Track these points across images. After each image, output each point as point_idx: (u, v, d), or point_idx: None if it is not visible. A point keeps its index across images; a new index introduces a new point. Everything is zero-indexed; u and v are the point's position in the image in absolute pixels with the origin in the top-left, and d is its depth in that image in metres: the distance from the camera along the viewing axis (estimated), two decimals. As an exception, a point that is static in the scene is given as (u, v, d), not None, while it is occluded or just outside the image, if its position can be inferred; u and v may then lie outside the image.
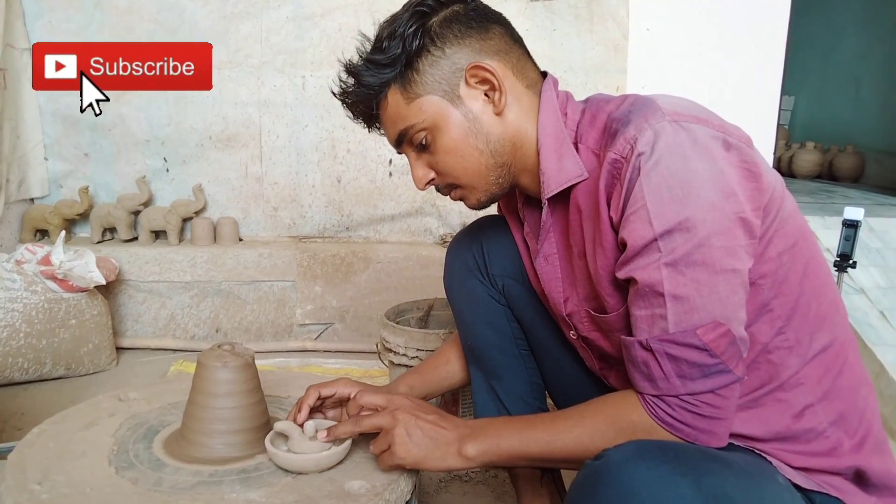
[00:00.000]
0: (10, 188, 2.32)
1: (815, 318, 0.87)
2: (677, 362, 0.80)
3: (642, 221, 0.79)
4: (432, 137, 0.94)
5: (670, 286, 0.79)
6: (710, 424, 0.81)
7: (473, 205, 1.00)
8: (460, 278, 1.21)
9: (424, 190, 1.01)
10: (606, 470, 0.71)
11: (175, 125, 2.45)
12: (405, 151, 0.99)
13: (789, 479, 0.84)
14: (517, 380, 1.22)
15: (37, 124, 2.42)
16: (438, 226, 2.54)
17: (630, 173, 0.81)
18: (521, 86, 0.95)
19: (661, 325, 0.80)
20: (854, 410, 0.88)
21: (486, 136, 0.93)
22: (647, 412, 0.83)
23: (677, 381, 0.80)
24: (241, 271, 2.38)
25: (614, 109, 0.88)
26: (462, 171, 0.95)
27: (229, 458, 1.01)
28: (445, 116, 0.92)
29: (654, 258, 0.79)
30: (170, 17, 2.38)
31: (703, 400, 0.80)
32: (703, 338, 0.78)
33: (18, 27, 2.32)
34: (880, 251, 2.54)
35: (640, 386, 0.84)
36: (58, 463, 0.97)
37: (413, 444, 0.92)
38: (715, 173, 0.79)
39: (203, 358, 1.05)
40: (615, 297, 0.90)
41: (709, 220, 0.77)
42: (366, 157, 2.49)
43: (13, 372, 1.94)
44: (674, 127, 0.80)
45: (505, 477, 1.53)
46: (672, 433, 0.82)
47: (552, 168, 0.93)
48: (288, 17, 2.40)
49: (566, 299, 1.03)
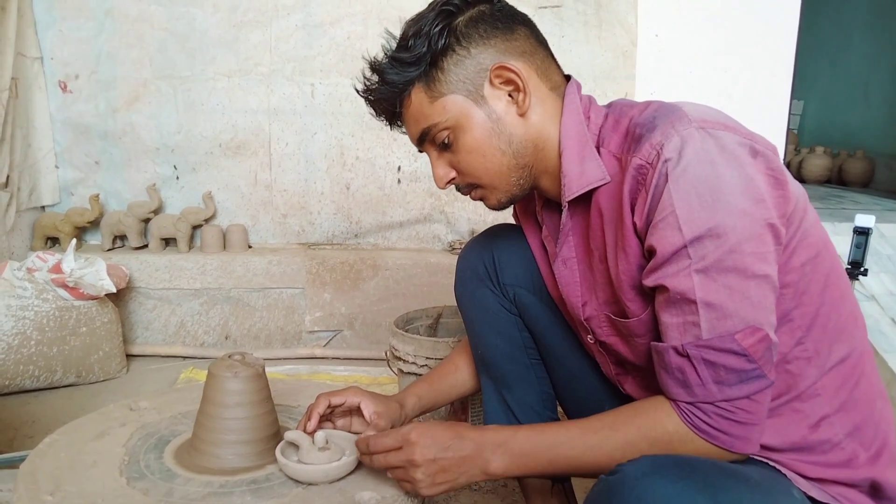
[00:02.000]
0: (22, 196, 2.33)
1: (834, 329, 0.87)
2: (715, 368, 0.79)
3: (671, 228, 0.79)
4: (455, 137, 0.94)
5: (702, 293, 0.78)
6: (746, 431, 0.80)
7: (493, 205, 1.00)
8: (471, 287, 1.21)
9: (445, 189, 1.01)
10: (622, 485, 0.70)
11: (185, 133, 2.46)
12: (426, 150, 0.99)
13: (804, 492, 0.84)
14: (528, 389, 1.21)
15: (48, 132, 2.44)
16: (447, 233, 2.54)
17: (657, 179, 0.80)
18: (544, 88, 0.95)
19: (695, 333, 0.80)
20: (870, 422, 0.88)
21: (509, 137, 0.93)
22: (682, 420, 0.82)
23: (714, 388, 0.79)
24: (251, 278, 2.39)
25: (637, 115, 0.88)
26: (484, 171, 0.95)
27: (240, 468, 1.01)
28: (469, 116, 0.92)
29: (685, 265, 0.79)
30: (180, 26, 2.39)
31: (739, 406, 0.79)
32: (742, 343, 0.78)
33: (30, 36, 2.34)
34: (891, 257, 2.52)
35: (673, 393, 0.83)
36: (69, 473, 0.98)
37: (437, 482, 0.90)
38: (743, 179, 0.78)
39: (214, 368, 1.05)
40: (637, 302, 0.90)
41: (739, 226, 0.77)
42: (374, 165, 2.49)
43: (24, 379, 1.95)
44: (701, 133, 0.80)
45: (514, 486, 1.53)
46: (708, 441, 0.81)
47: (574, 170, 0.93)
48: (297, 25, 2.41)
49: (584, 303, 1.02)
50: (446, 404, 1.33)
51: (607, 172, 0.91)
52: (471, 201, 2.45)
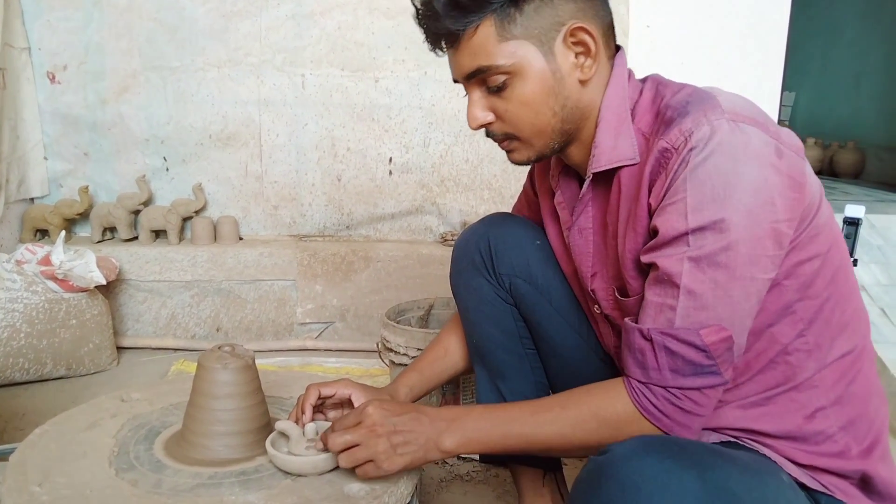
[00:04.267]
0: (10, 188, 2.32)
1: (837, 324, 0.88)
2: (673, 357, 0.82)
3: (678, 213, 0.80)
4: (511, 84, 0.90)
5: (688, 280, 0.80)
6: (688, 419, 0.84)
7: (520, 160, 0.98)
8: (467, 276, 1.21)
9: (475, 130, 0.97)
10: (611, 464, 0.71)
11: (175, 124, 2.44)
12: (469, 87, 0.94)
13: (795, 478, 0.85)
14: (522, 379, 1.22)
15: (36, 124, 2.42)
16: (439, 224, 2.54)
17: (677, 165, 0.81)
18: (604, 57, 0.93)
19: (668, 316, 0.82)
20: (864, 418, 0.89)
21: (564, 100, 0.91)
22: (631, 399, 0.85)
23: (668, 374, 0.82)
24: (242, 270, 2.38)
25: (670, 96, 0.88)
26: (530, 126, 0.93)
27: (229, 459, 1.01)
28: (533, 67, 0.89)
29: (681, 250, 0.80)
30: (169, 16, 2.37)
31: (688, 395, 0.82)
32: (705, 339, 0.80)
33: (17, 26, 2.32)
34: (881, 248, 2.54)
35: (630, 370, 0.86)
36: (59, 464, 0.97)
37: (398, 454, 0.91)
38: (759, 180, 0.79)
39: (203, 359, 1.05)
40: (637, 281, 0.91)
41: (742, 225, 0.78)
42: (366, 156, 2.48)
43: (14, 372, 1.94)
44: (731, 126, 0.80)
45: (506, 476, 1.53)
46: (652, 422, 0.84)
47: (607, 144, 0.92)
48: (287, 15, 2.39)
49: (594, 274, 1.03)
50: (438, 388, 1.33)
51: (637, 152, 0.90)
52: (462, 193, 2.48)
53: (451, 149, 2.48)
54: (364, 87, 2.43)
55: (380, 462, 0.91)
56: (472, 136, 2.46)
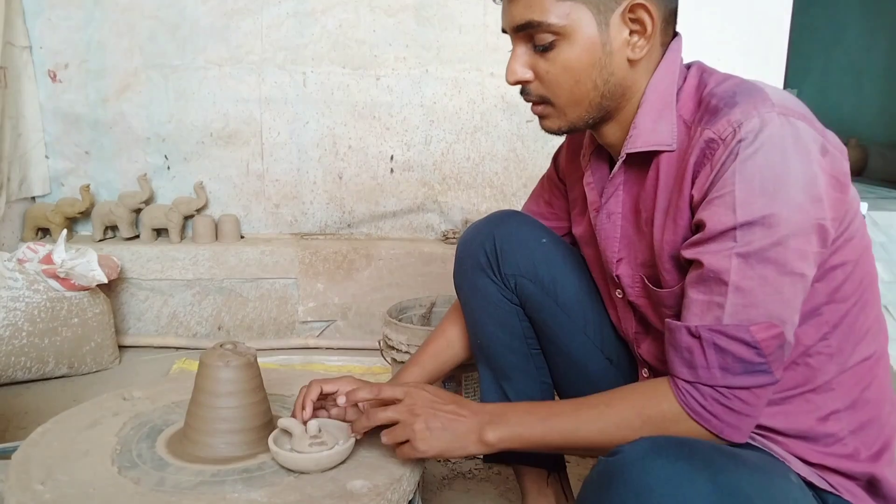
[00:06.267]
0: (12, 187, 2.31)
1: (860, 330, 0.88)
2: (723, 354, 0.79)
3: (726, 207, 0.78)
4: (559, 46, 0.88)
5: (737, 277, 0.78)
6: (738, 420, 0.81)
7: (551, 128, 0.96)
8: (471, 276, 1.19)
9: (511, 85, 0.94)
10: (621, 466, 0.70)
11: (176, 122, 2.44)
12: (515, 41, 0.92)
13: (803, 477, 0.85)
14: (527, 379, 1.21)
15: (37, 122, 2.42)
16: (440, 222, 2.54)
17: (725, 156, 0.79)
18: (658, 41, 0.91)
19: (716, 314, 0.79)
20: (875, 424, 0.89)
21: (608, 76, 0.89)
22: (677, 399, 0.83)
23: (718, 373, 0.80)
24: (243, 269, 2.38)
25: (715, 85, 0.87)
26: (568, 93, 0.91)
27: (232, 457, 1.01)
28: (585, 34, 0.87)
29: (728, 246, 0.78)
30: (170, 15, 2.37)
31: (737, 395, 0.80)
32: (756, 335, 0.78)
33: (18, 25, 2.32)
34: (884, 245, 2.53)
35: (677, 370, 0.83)
36: (61, 462, 0.97)
37: (434, 437, 0.91)
38: (809, 176, 0.78)
39: (205, 357, 1.05)
40: (673, 274, 0.89)
41: (792, 220, 0.77)
42: (367, 154, 2.48)
43: (16, 371, 1.94)
44: (781, 120, 0.79)
45: (508, 474, 1.53)
46: (699, 423, 0.81)
47: (646, 125, 0.91)
48: (288, 13, 2.39)
49: (619, 260, 1.01)
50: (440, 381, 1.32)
51: (676, 138, 0.89)
52: (463, 191, 2.48)
53: (453, 146, 2.48)
54: (365, 84, 2.43)
55: (415, 442, 0.91)
56: (474, 134, 2.46)
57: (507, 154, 2.48)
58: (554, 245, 1.16)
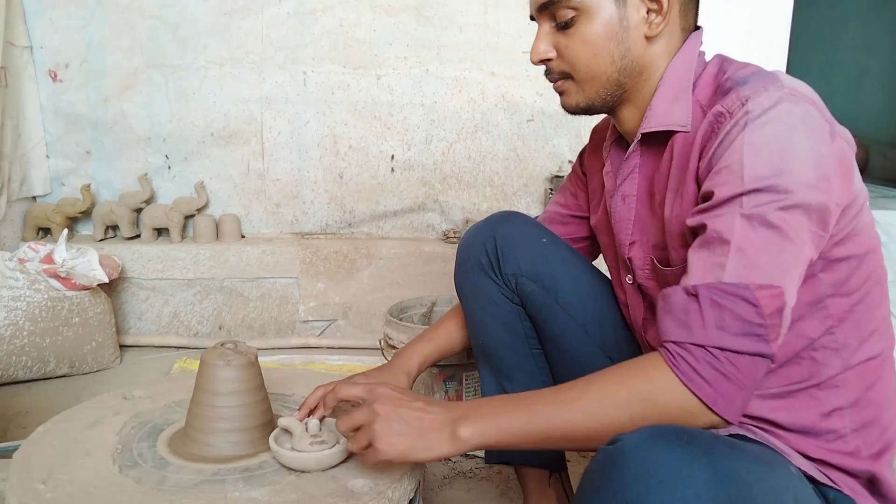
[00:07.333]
0: (13, 186, 2.32)
1: (866, 328, 0.88)
2: (721, 311, 0.76)
3: (734, 175, 0.79)
4: (578, 21, 0.92)
5: (740, 237, 0.77)
6: (731, 390, 0.76)
7: (570, 105, 0.99)
8: (473, 277, 1.19)
9: (536, 64, 0.98)
10: (621, 453, 0.70)
11: (177, 122, 2.44)
12: (540, 20, 0.96)
13: (803, 471, 0.85)
14: (528, 380, 1.21)
15: (38, 122, 2.42)
16: (441, 222, 2.54)
17: (731, 127, 0.80)
18: (678, 24, 0.95)
19: (717, 274, 0.78)
20: (878, 424, 0.89)
21: (625, 51, 0.93)
22: (668, 363, 0.78)
23: (714, 332, 0.76)
24: (244, 268, 2.38)
25: (734, 72, 0.89)
26: (586, 67, 0.94)
27: (233, 456, 1.01)
28: (602, 9, 0.91)
29: (733, 209, 0.78)
30: (171, 14, 2.37)
31: (731, 360, 0.76)
32: (757, 294, 0.76)
33: (19, 25, 2.32)
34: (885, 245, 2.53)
35: (669, 333, 0.79)
36: (62, 462, 0.97)
37: (395, 435, 0.83)
38: (816, 154, 0.78)
39: (206, 356, 1.05)
40: (680, 252, 0.89)
41: (798, 193, 0.77)
42: (367, 153, 2.48)
43: (17, 370, 1.94)
44: (790, 99, 0.80)
45: (509, 473, 1.53)
46: (690, 389, 0.76)
47: (662, 106, 0.93)
48: (289, 12, 2.39)
49: (632, 243, 1.02)
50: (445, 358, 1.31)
51: (690, 121, 0.90)
52: (464, 190, 2.48)
53: (454, 146, 2.48)
54: (366, 84, 2.43)
55: (376, 443, 0.83)
56: (474, 133, 2.46)
57: (508, 153, 2.48)
58: (554, 245, 1.17)
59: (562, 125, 2.46)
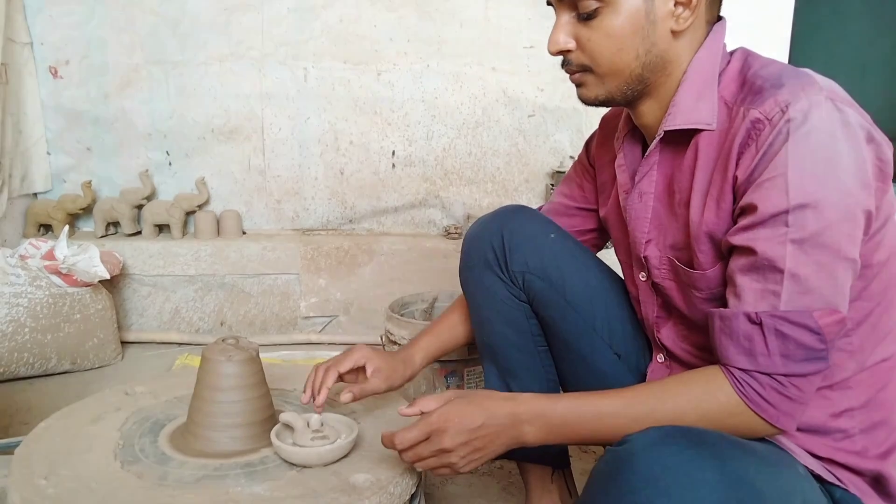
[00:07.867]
0: (14, 183, 2.31)
1: (882, 330, 0.87)
2: (786, 341, 0.78)
3: (778, 190, 0.77)
4: (602, 14, 0.87)
5: (792, 264, 0.77)
6: (793, 408, 0.80)
7: (589, 97, 0.95)
8: (478, 273, 1.17)
9: (553, 55, 0.93)
10: (629, 455, 0.70)
11: (177, 118, 2.44)
12: (559, 9, 0.92)
13: (811, 470, 0.85)
14: (534, 377, 1.20)
15: (39, 119, 2.41)
16: (442, 217, 2.54)
17: (773, 137, 0.78)
18: (703, 17, 0.91)
19: (772, 302, 0.78)
20: (886, 425, 0.89)
21: (651, 46, 0.89)
22: (735, 390, 0.80)
23: (779, 360, 0.78)
24: (245, 264, 2.38)
25: (760, 67, 0.86)
26: (609, 61, 0.90)
27: (234, 451, 1.01)
28: (629, 2, 0.86)
29: (781, 232, 0.77)
30: (171, 10, 2.37)
31: (794, 383, 0.79)
32: (819, 321, 0.77)
33: (19, 21, 2.31)
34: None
35: (733, 359, 0.81)
36: (64, 457, 0.98)
37: (470, 462, 0.89)
38: (858, 161, 0.77)
39: (208, 352, 1.05)
40: (709, 256, 0.88)
41: (842, 205, 0.76)
42: (368, 149, 2.48)
43: (19, 367, 1.94)
44: (829, 104, 0.78)
45: (511, 468, 1.53)
46: (757, 413, 0.79)
47: (687, 103, 0.90)
48: (289, 8, 2.38)
49: (648, 241, 1.00)
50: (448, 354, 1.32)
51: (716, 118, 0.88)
52: (465, 186, 2.48)
53: (455, 142, 2.47)
54: (366, 80, 2.42)
55: (456, 470, 0.89)
56: (475, 129, 2.46)
57: (509, 149, 2.48)
58: (562, 240, 1.15)
59: (563, 121, 2.46)
